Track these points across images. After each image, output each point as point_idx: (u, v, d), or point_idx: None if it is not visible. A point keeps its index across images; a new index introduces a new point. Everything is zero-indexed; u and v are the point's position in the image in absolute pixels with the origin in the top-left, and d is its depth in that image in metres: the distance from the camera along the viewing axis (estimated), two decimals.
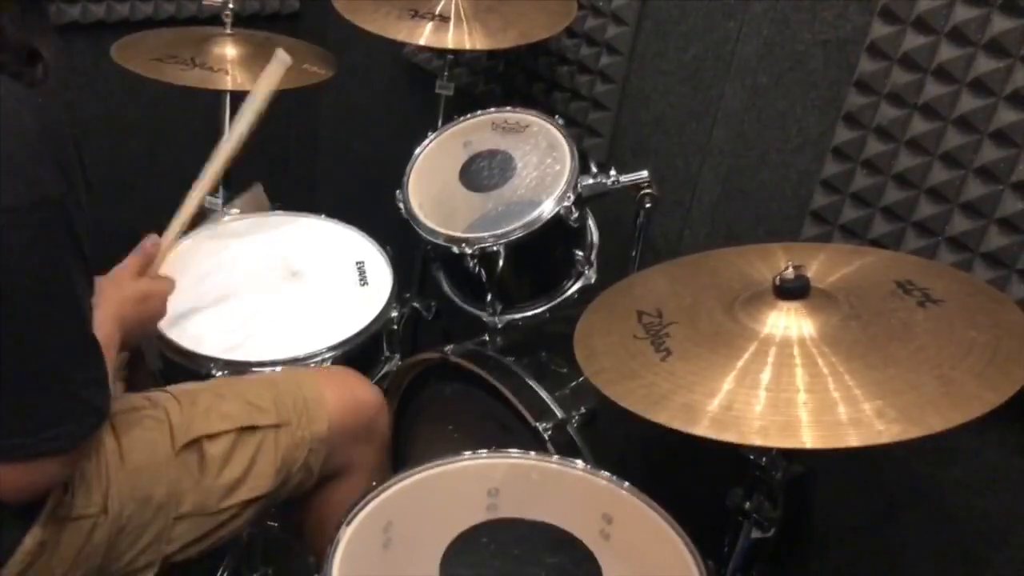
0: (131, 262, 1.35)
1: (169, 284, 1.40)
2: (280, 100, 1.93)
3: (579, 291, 1.61)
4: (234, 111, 1.96)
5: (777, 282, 1.11)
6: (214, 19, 1.99)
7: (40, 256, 0.94)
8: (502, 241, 1.51)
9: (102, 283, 1.24)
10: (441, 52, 1.93)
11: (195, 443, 1.23)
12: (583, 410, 1.50)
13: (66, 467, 1.04)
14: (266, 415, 1.29)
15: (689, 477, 1.45)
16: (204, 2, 2.00)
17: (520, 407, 1.47)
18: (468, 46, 1.80)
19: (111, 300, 1.24)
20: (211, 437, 1.24)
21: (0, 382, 0.94)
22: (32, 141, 0.92)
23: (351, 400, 1.39)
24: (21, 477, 0.99)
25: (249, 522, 1.29)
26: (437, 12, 1.82)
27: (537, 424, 1.44)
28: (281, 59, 1.49)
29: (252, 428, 1.27)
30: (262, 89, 1.49)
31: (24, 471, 0.99)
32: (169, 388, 1.32)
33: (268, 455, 1.28)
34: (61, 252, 0.96)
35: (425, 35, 1.80)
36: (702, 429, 0.97)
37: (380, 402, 1.44)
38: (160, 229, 1.53)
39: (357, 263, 1.71)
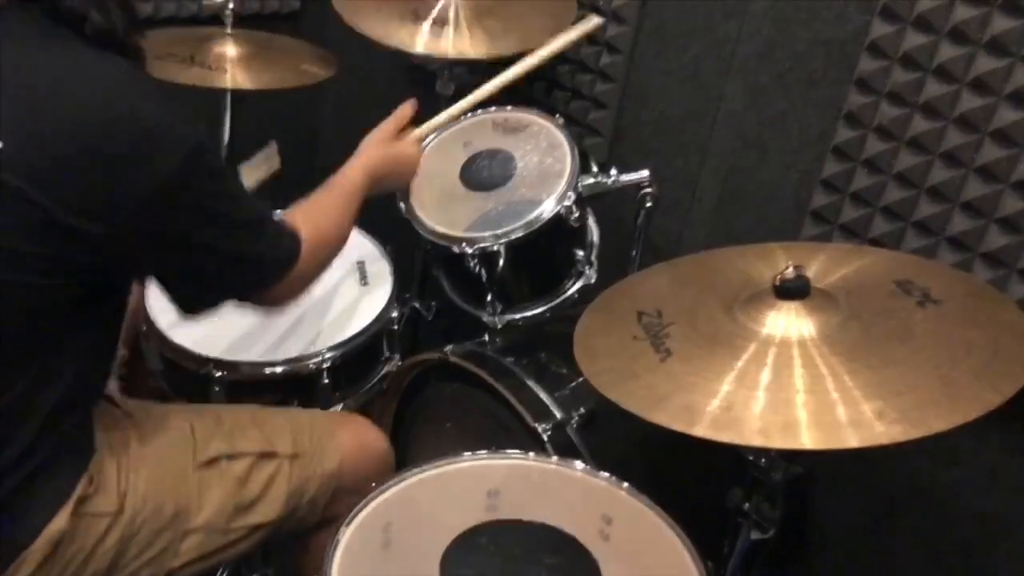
0: (387, 125, 1.55)
1: (421, 148, 1.60)
2: (280, 100, 1.94)
3: (579, 291, 1.61)
4: (234, 111, 1.97)
5: (777, 282, 1.10)
6: (214, 19, 1.99)
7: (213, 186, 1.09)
8: (502, 241, 1.51)
9: (364, 141, 1.51)
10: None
11: (216, 460, 1.25)
12: (582, 411, 1.50)
13: (289, 290, 1.23)
14: (284, 444, 1.31)
15: (688, 478, 1.45)
16: (204, 2, 2.00)
17: (519, 408, 1.46)
18: (470, 54, 1.79)
19: (365, 155, 1.48)
20: (232, 457, 1.27)
21: (214, 265, 1.13)
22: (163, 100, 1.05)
23: (361, 445, 1.40)
24: (277, 295, 1.21)
25: (252, 548, 1.30)
26: (437, 15, 1.82)
27: (536, 425, 1.44)
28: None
29: (271, 455, 1.30)
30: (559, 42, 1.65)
31: (276, 290, 1.20)
32: (194, 406, 1.36)
33: (281, 483, 1.29)
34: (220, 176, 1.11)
35: (425, 40, 1.79)
36: (702, 430, 0.97)
37: (388, 451, 1.45)
38: None
39: (357, 263, 1.71)
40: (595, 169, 1.58)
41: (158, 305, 1.56)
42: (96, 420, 1.18)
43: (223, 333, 1.53)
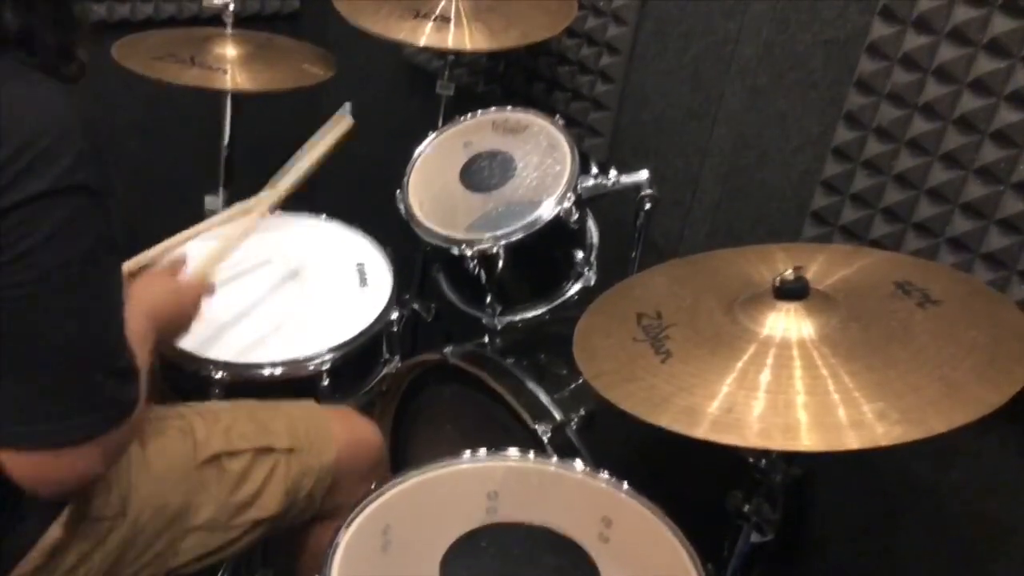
0: (162, 267, 1.39)
1: (205, 286, 1.40)
2: (280, 100, 1.94)
3: (579, 292, 1.60)
4: (234, 111, 1.97)
5: (777, 283, 1.10)
6: (215, 19, 1.99)
7: (73, 242, 0.93)
8: (502, 242, 1.51)
9: (133, 283, 1.27)
10: (442, 53, 1.93)
11: (216, 458, 1.26)
12: (582, 412, 1.49)
13: (92, 462, 1.00)
14: (281, 439, 1.32)
15: (688, 480, 1.45)
16: (205, 3, 2.00)
17: (519, 409, 1.46)
18: (469, 47, 1.80)
19: (142, 296, 1.24)
20: (231, 454, 1.27)
21: (26, 366, 0.93)
22: (71, 133, 0.92)
23: (356, 437, 1.40)
24: (46, 467, 0.98)
25: (250, 545, 1.30)
26: (438, 12, 1.82)
27: (536, 426, 1.44)
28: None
29: (268, 450, 1.30)
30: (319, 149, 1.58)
31: (48, 460, 0.97)
32: (191, 404, 1.35)
33: (279, 478, 1.30)
34: (95, 241, 0.95)
35: (426, 35, 1.79)
36: (703, 432, 0.97)
37: (382, 443, 1.46)
38: (160, 231, 1.53)
39: (357, 264, 1.71)
40: (595, 170, 1.58)
41: None
42: None
43: (223, 334, 1.53)
